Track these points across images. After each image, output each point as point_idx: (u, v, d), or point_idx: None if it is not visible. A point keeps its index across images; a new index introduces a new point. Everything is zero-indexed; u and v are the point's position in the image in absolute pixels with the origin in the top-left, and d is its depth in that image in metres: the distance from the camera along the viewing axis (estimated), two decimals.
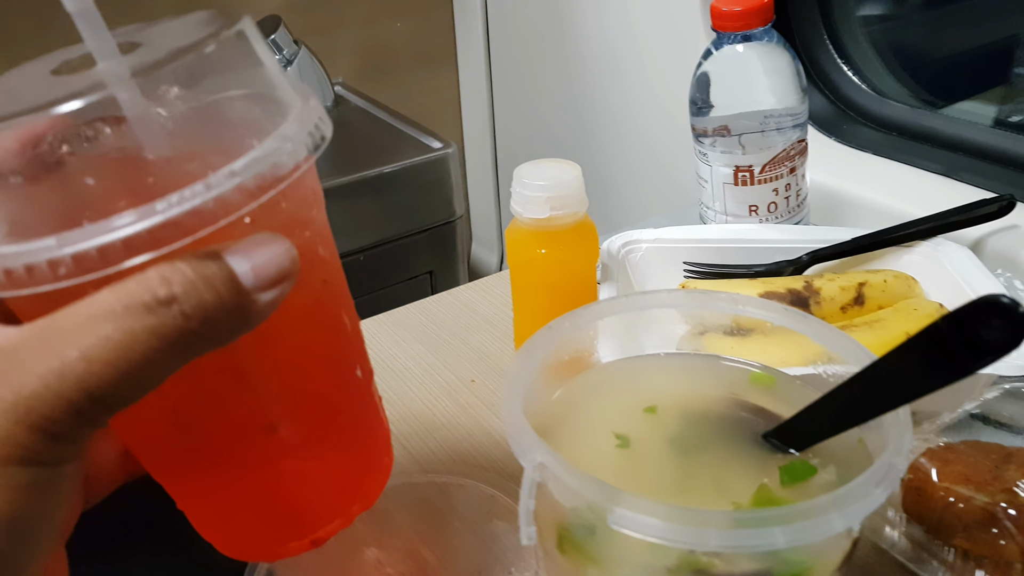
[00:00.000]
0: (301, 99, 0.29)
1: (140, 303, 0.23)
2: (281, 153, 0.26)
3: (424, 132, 1.13)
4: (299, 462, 0.31)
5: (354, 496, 0.35)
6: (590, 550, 0.33)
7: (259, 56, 0.28)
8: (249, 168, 0.25)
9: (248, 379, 0.29)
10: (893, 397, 0.33)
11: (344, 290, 0.34)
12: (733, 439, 0.38)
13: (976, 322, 0.29)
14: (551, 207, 0.55)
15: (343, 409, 0.34)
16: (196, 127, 0.27)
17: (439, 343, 0.67)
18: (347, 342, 0.34)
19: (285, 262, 0.25)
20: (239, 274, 0.24)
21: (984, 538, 0.39)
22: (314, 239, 0.30)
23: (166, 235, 0.23)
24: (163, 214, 0.23)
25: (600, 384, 0.41)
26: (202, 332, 0.24)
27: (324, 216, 0.32)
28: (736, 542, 0.29)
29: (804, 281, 0.60)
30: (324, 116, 0.29)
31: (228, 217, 0.25)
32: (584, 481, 0.31)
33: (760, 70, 0.62)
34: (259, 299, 0.25)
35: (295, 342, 0.30)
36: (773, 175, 0.64)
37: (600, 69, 1.10)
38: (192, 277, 0.24)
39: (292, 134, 0.27)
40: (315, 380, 0.32)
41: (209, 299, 0.24)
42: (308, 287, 0.30)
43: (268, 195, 0.26)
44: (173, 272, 0.23)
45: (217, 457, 0.30)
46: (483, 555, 0.46)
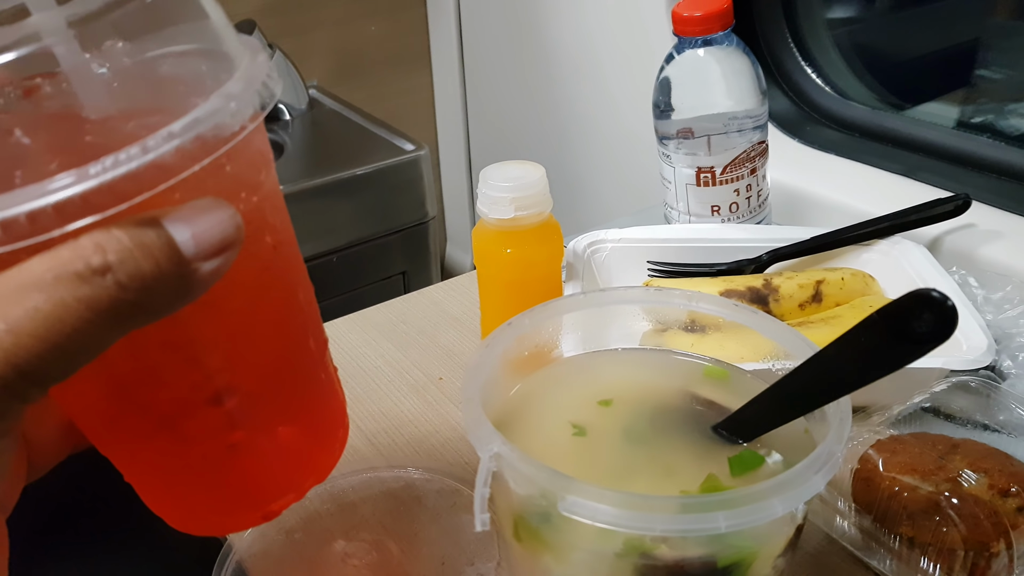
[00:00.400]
0: (249, 54, 0.27)
1: (72, 272, 0.22)
2: (224, 113, 0.24)
3: (397, 134, 1.14)
4: (249, 434, 0.30)
5: (307, 470, 0.34)
6: (544, 537, 0.34)
7: (203, 7, 0.27)
8: (189, 129, 0.23)
9: (193, 350, 0.28)
10: (834, 387, 0.34)
11: (296, 258, 0.33)
12: (685, 430, 0.39)
13: (909, 315, 0.30)
14: (516, 207, 0.56)
15: (295, 380, 0.32)
16: (138, 83, 0.25)
17: (408, 342, 0.68)
18: (298, 311, 0.32)
19: (229, 229, 0.24)
20: (179, 242, 0.23)
21: (928, 526, 0.41)
22: (262, 204, 0.29)
23: (101, 200, 0.22)
24: (97, 178, 0.22)
25: (558, 378, 0.43)
26: (139, 302, 0.23)
27: (274, 180, 0.31)
28: (680, 526, 0.30)
29: (763, 279, 0.61)
30: (273, 73, 0.27)
31: (167, 181, 0.23)
32: (536, 469, 0.32)
33: (720, 74, 0.64)
34: (201, 268, 0.24)
35: (242, 311, 0.29)
36: (734, 176, 0.66)
37: (570, 72, 1.11)
38: (128, 244, 0.22)
39: (237, 92, 0.25)
40: (264, 350, 0.30)
41: (147, 268, 0.22)
42: (256, 254, 0.29)
43: (211, 158, 0.24)
44: (108, 239, 0.22)
45: (162, 430, 0.29)
46: (447, 546, 0.47)
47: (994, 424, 0.49)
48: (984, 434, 0.49)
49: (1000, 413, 0.49)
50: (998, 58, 0.95)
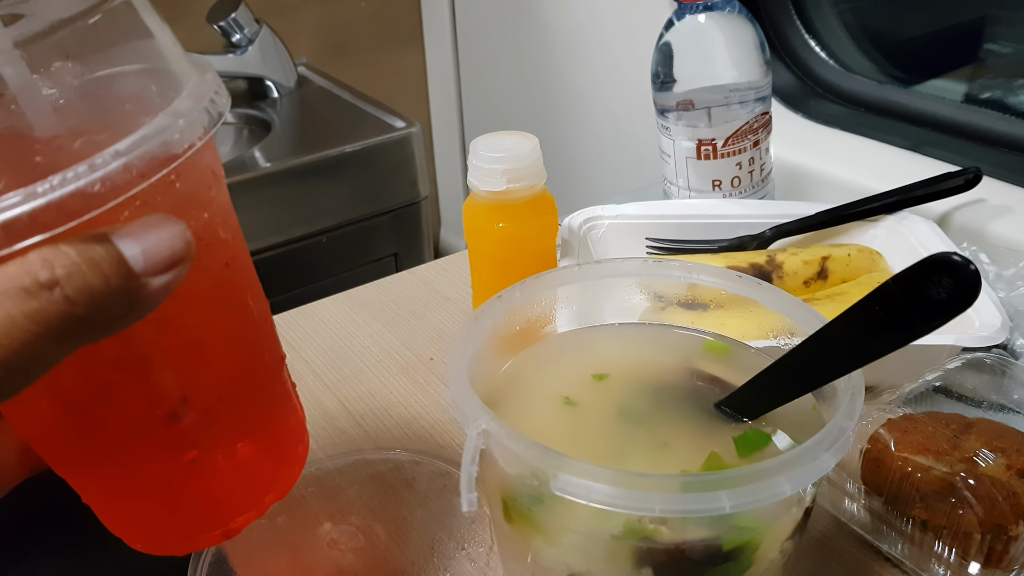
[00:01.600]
0: (197, 73, 0.28)
1: (19, 287, 0.22)
2: (172, 131, 0.25)
3: (387, 112, 1.11)
4: (206, 452, 0.30)
5: (266, 487, 0.34)
6: (536, 519, 0.32)
7: (148, 27, 0.27)
8: (137, 147, 0.24)
9: (145, 367, 0.28)
10: (844, 362, 0.32)
11: (250, 272, 0.33)
12: (685, 407, 0.37)
13: (926, 281, 0.28)
14: (508, 179, 0.54)
15: (251, 397, 0.32)
16: (86, 103, 0.26)
17: (398, 322, 0.66)
18: (253, 326, 0.33)
19: (179, 244, 0.24)
20: (128, 257, 0.23)
21: (942, 508, 0.39)
22: (214, 220, 0.29)
23: (49, 218, 0.22)
24: (45, 196, 0.22)
25: (551, 354, 0.40)
26: (88, 317, 0.23)
27: (226, 196, 0.31)
28: (681, 506, 0.28)
29: (767, 255, 0.59)
30: (222, 90, 0.28)
31: (115, 199, 0.23)
32: (526, 446, 0.30)
33: (722, 41, 0.61)
34: (150, 284, 0.24)
35: (195, 328, 0.29)
36: (736, 149, 0.64)
37: (565, 47, 1.09)
38: (76, 260, 0.22)
39: (185, 110, 0.25)
40: (218, 367, 0.31)
41: (95, 283, 0.22)
42: (208, 270, 0.29)
43: (158, 175, 0.24)
44: (56, 255, 0.22)
45: (117, 449, 0.29)
46: (437, 530, 0.45)
47: (1009, 403, 0.47)
48: (999, 414, 0.47)
49: (1015, 391, 0.47)
50: (1007, 32, 0.92)
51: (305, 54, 1.30)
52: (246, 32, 1.12)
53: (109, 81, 0.26)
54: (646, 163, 0.99)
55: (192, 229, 0.25)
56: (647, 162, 0.97)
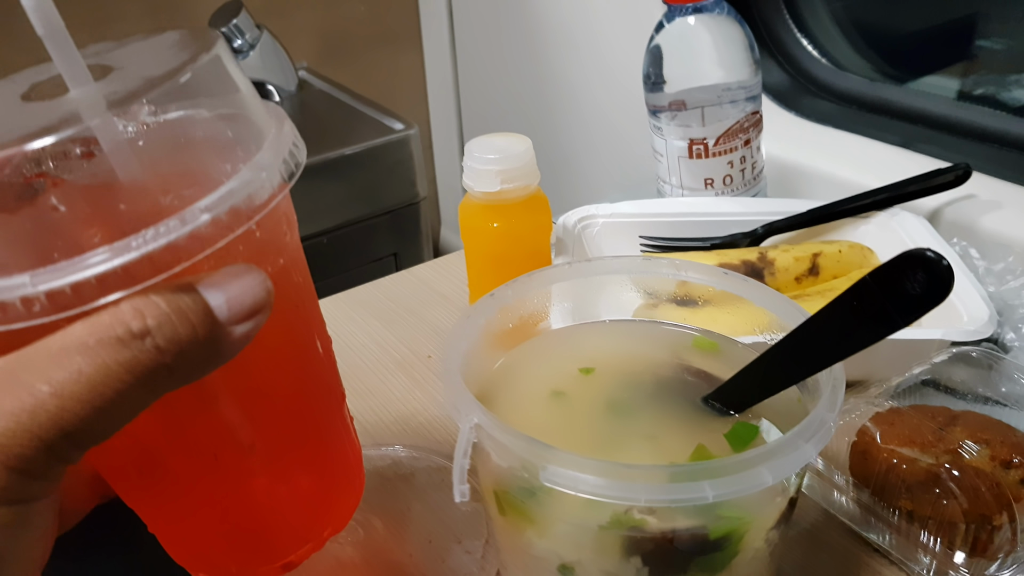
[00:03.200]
0: (276, 122, 0.29)
1: (113, 337, 0.22)
2: (255, 184, 0.25)
3: (386, 114, 1.12)
4: (269, 488, 0.31)
5: (325, 520, 0.34)
6: (527, 510, 0.33)
7: (235, 81, 0.28)
8: (223, 201, 0.25)
9: (218, 408, 0.29)
10: (826, 354, 0.33)
11: (316, 312, 0.34)
12: (673, 401, 0.37)
13: (902, 276, 0.29)
14: (502, 180, 0.55)
15: (313, 434, 0.33)
16: (170, 153, 0.26)
17: (396, 320, 0.67)
18: (319, 366, 0.33)
19: (260, 294, 0.25)
20: (213, 307, 0.24)
21: (927, 499, 0.40)
22: (287, 265, 0.30)
23: (140, 271, 0.23)
24: (137, 250, 0.23)
25: (541, 350, 0.41)
26: (175, 365, 0.23)
27: (297, 239, 0.32)
28: (665, 496, 0.29)
29: (759, 252, 0.60)
30: (298, 141, 0.29)
31: (202, 252, 0.24)
32: (516, 438, 0.31)
33: (711, 42, 0.62)
34: (233, 332, 0.25)
35: (266, 370, 0.30)
36: (728, 147, 0.64)
37: (561, 47, 1.09)
38: (166, 310, 0.23)
39: (267, 163, 0.26)
40: (285, 406, 0.31)
41: (183, 332, 0.23)
42: (281, 313, 0.29)
43: (243, 228, 0.25)
44: (146, 305, 0.23)
45: (187, 484, 0.30)
46: (434, 524, 0.46)
47: (996, 396, 0.48)
48: (985, 406, 0.48)
49: (1003, 384, 0.48)
50: (999, 28, 0.93)
51: (305, 57, 1.31)
52: (247, 37, 1.13)
53: (192, 129, 0.27)
54: (640, 161, 0.99)
55: (269, 275, 0.26)
56: (641, 160, 0.98)
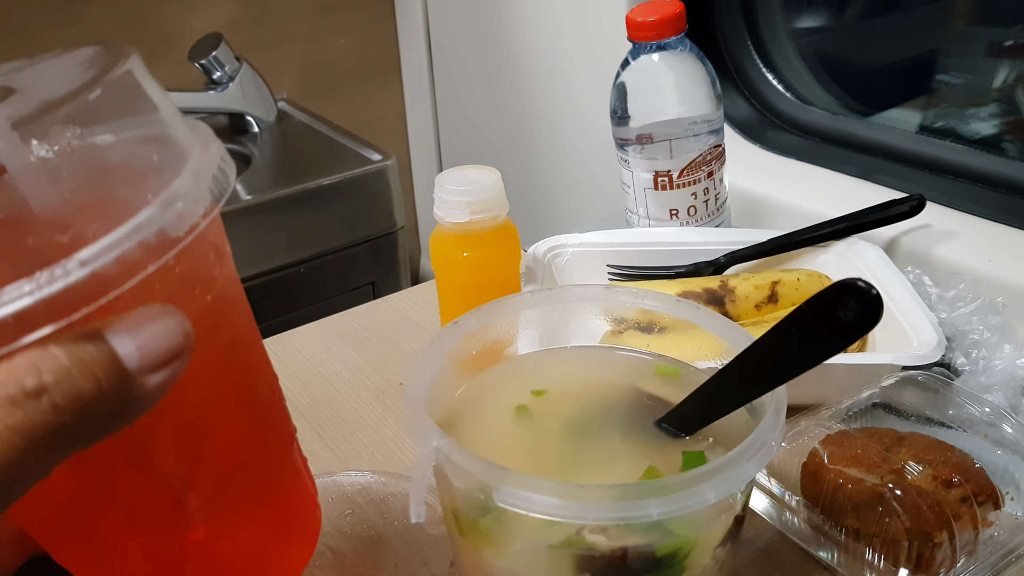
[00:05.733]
0: (200, 143, 0.26)
1: (5, 396, 0.20)
2: (170, 215, 0.23)
3: (364, 145, 1.14)
4: (210, 539, 0.29)
5: (276, 570, 0.32)
6: (484, 530, 0.34)
7: (151, 98, 0.26)
8: (131, 237, 0.22)
9: (144, 456, 0.26)
10: (769, 378, 0.35)
11: (255, 347, 0.31)
12: (629, 424, 0.39)
13: (835, 304, 0.31)
14: (471, 211, 0.57)
15: (257, 481, 0.31)
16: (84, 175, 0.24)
17: (370, 347, 0.68)
18: (259, 406, 0.31)
19: (177, 338, 0.22)
20: (122, 355, 0.21)
21: (871, 517, 0.41)
22: (218, 300, 0.27)
23: (36, 319, 0.20)
24: (32, 295, 0.20)
25: (502, 376, 0.43)
26: (78, 425, 0.21)
27: (232, 270, 0.29)
28: (612, 514, 0.30)
29: (720, 280, 0.62)
30: (226, 161, 0.26)
31: (108, 294, 0.21)
32: (472, 461, 0.32)
33: (674, 79, 0.65)
34: (146, 383, 0.22)
35: (196, 411, 0.27)
36: (691, 179, 0.67)
37: (534, 82, 1.12)
38: (66, 363, 0.21)
39: (184, 191, 0.24)
40: (223, 453, 0.29)
41: (86, 387, 0.21)
42: (212, 352, 0.27)
43: (155, 265, 0.22)
44: (44, 358, 0.20)
45: (116, 541, 0.28)
46: (401, 547, 0.47)
47: (943, 419, 0.50)
48: (932, 428, 0.49)
49: (949, 408, 0.50)
50: (957, 64, 0.97)
51: (286, 89, 1.34)
52: (227, 69, 1.15)
53: (108, 151, 0.24)
54: (610, 193, 1.02)
55: (193, 313, 0.23)
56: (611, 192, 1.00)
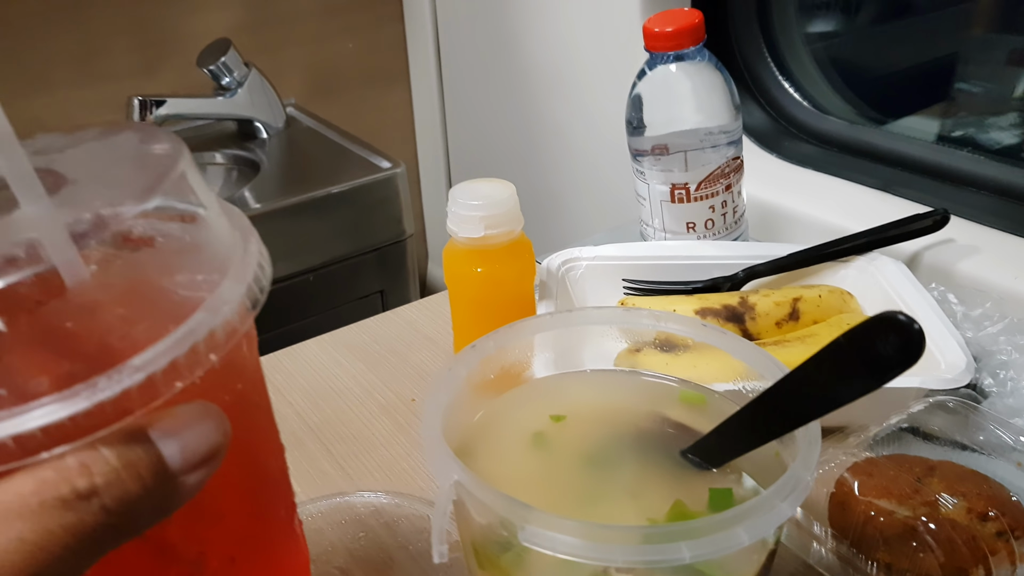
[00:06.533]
0: (241, 241, 0.27)
1: (57, 498, 0.21)
2: (218, 319, 0.24)
3: (373, 152, 1.13)
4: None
5: None
6: (505, 567, 0.33)
7: (199, 197, 0.26)
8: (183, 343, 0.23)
9: (161, 536, 0.27)
10: (802, 412, 0.33)
11: (270, 427, 0.32)
12: (652, 454, 0.38)
13: (875, 338, 0.30)
14: (485, 226, 0.55)
15: (263, 552, 0.32)
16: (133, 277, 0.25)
17: (380, 362, 0.67)
18: (270, 483, 0.32)
19: (217, 439, 0.24)
20: (167, 457, 0.22)
21: (904, 551, 0.40)
22: (246, 389, 0.29)
23: (89, 421, 0.22)
24: (88, 400, 0.21)
25: (521, 400, 0.42)
26: (123, 524, 0.22)
27: (256, 355, 0.30)
28: (643, 557, 0.29)
29: (739, 297, 0.61)
30: (264, 257, 0.27)
31: (159, 399, 0.23)
32: (496, 497, 0.31)
33: (691, 89, 0.63)
34: (186, 481, 0.23)
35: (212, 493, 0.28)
36: (709, 192, 0.65)
37: (547, 88, 1.11)
38: (116, 465, 0.22)
39: (230, 295, 0.25)
40: (234, 525, 0.30)
41: (133, 489, 0.22)
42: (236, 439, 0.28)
43: (202, 370, 0.24)
44: (95, 460, 0.21)
45: None
46: (414, 571, 0.46)
47: (973, 444, 0.48)
48: (963, 454, 0.48)
49: (979, 433, 0.48)
50: (977, 71, 0.95)
51: (294, 94, 1.32)
52: (236, 75, 1.14)
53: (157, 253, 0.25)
54: (623, 202, 1.00)
55: (226, 402, 0.24)
56: (624, 201, 0.99)
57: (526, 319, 0.43)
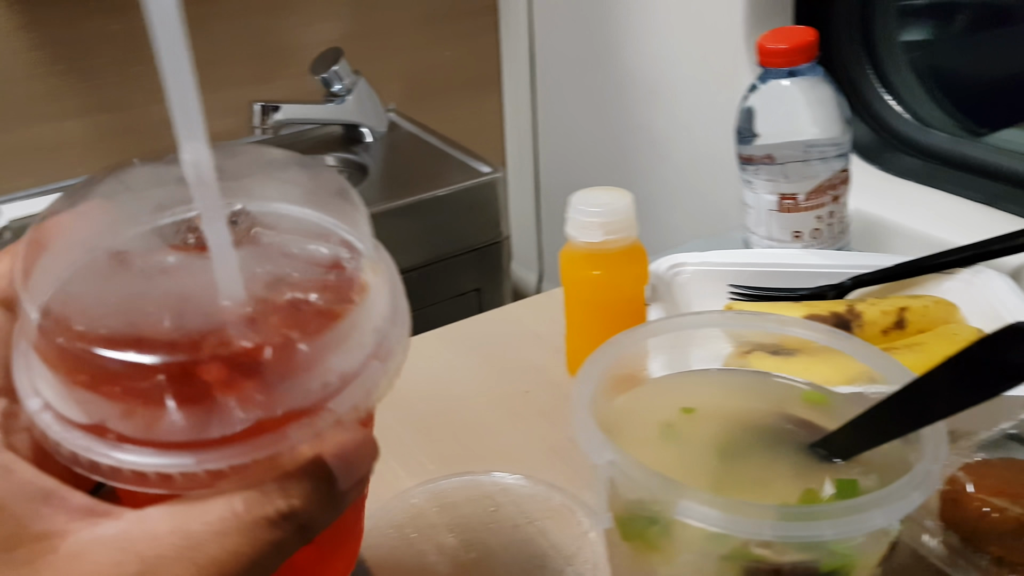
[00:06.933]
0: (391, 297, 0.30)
1: (264, 517, 0.24)
2: (389, 371, 0.27)
3: (473, 157, 1.18)
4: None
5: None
6: (651, 539, 0.37)
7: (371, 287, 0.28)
8: (369, 396, 0.26)
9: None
10: (931, 412, 0.36)
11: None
12: (778, 447, 0.41)
13: (1006, 347, 0.32)
14: (604, 232, 0.59)
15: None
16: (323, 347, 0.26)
17: (493, 356, 0.71)
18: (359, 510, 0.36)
19: (373, 464, 0.27)
20: (338, 478, 0.25)
21: (1018, 547, 0.42)
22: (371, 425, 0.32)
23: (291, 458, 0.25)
24: (291, 440, 0.24)
25: (650, 395, 0.45)
26: (306, 539, 0.25)
27: None
28: (789, 532, 0.32)
29: (847, 305, 0.63)
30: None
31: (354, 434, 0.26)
32: (651, 477, 0.34)
33: (804, 103, 0.66)
34: (346, 499, 0.26)
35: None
36: (817, 203, 0.68)
37: (642, 98, 1.14)
38: (307, 488, 0.25)
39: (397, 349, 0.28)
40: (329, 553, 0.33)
41: (318, 510, 0.25)
42: None
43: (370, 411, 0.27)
44: (291, 484, 0.24)
45: None
46: (546, 547, 0.50)
47: None
48: None
49: None
50: None
51: (394, 100, 1.38)
52: (345, 83, 1.20)
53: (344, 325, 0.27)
54: (717, 211, 1.03)
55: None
56: (719, 210, 1.01)
57: (662, 319, 0.46)
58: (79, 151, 1.24)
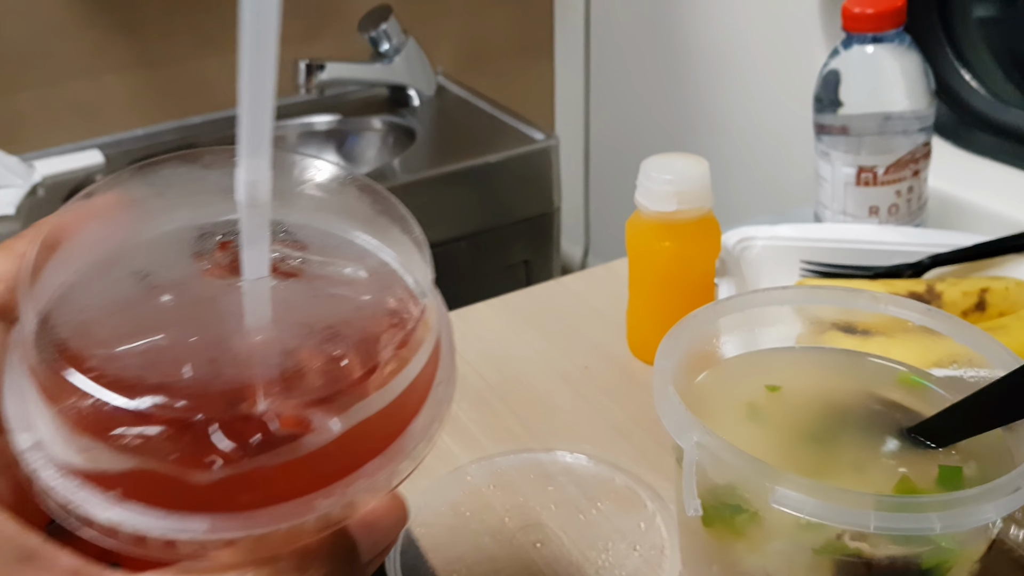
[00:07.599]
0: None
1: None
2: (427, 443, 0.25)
3: (526, 123, 1.15)
4: None
5: None
6: (738, 526, 0.35)
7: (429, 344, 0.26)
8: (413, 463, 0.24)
9: None
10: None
11: None
12: (871, 430, 0.39)
13: None
14: (678, 201, 0.57)
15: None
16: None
17: (551, 330, 0.69)
18: None
19: (398, 533, 0.25)
20: (362, 551, 0.24)
21: None
22: None
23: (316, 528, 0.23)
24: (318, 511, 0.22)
25: (732, 373, 0.43)
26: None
27: None
28: (894, 524, 0.30)
29: (926, 284, 0.60)
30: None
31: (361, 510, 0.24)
32: (745, 460, 0.32)
33: (889, 72, 0.63)
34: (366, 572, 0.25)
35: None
36: (897, 177, 0.65)
37: (705, 66, 1.10)
38: (329, 569, 0.23)
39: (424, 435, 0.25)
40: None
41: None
42: None
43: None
44: (311, 562, 0.23)
45: None
46: (610, 531, 0.48)
47: None
48: None
49: None
50: None
51: (442, 63, 1.36)
52: (394, 43, 1.18)
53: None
54: (786, 184, 1.00)
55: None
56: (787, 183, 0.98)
57: (749, 292, 0.44)
58: (117, 107, 1.23)
